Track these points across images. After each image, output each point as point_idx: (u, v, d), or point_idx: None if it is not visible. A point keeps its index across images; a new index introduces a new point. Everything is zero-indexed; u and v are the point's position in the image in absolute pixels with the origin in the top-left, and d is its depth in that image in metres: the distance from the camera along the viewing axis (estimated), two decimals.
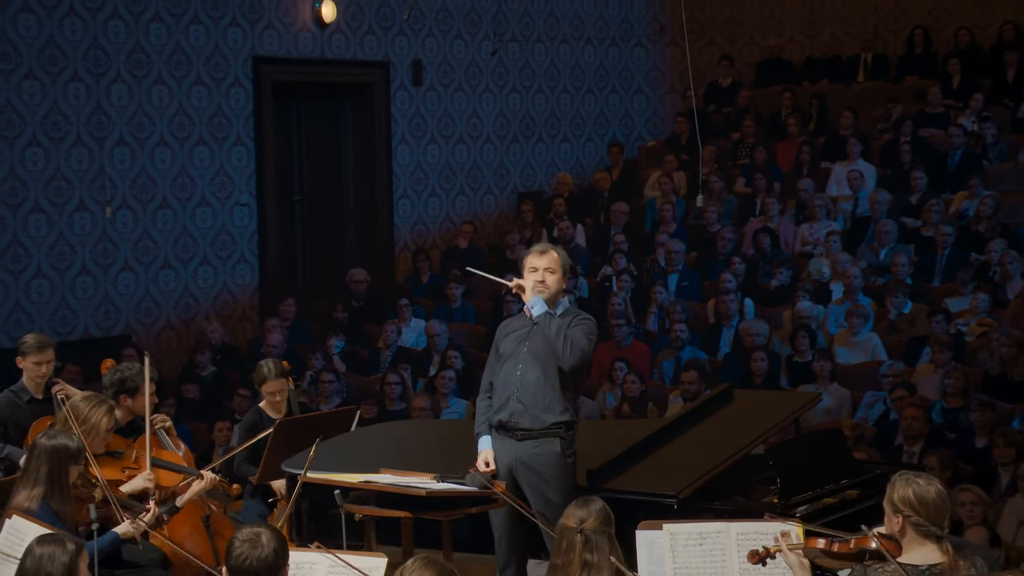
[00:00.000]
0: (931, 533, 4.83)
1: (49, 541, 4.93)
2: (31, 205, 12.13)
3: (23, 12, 11.95)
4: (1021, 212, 13.42)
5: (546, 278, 6.51)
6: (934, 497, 4.85)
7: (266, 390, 8.13)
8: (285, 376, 8.30)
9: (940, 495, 4.89)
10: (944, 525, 4.90)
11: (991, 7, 15.92)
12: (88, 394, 7.13)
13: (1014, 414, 10.44)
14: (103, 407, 6.85)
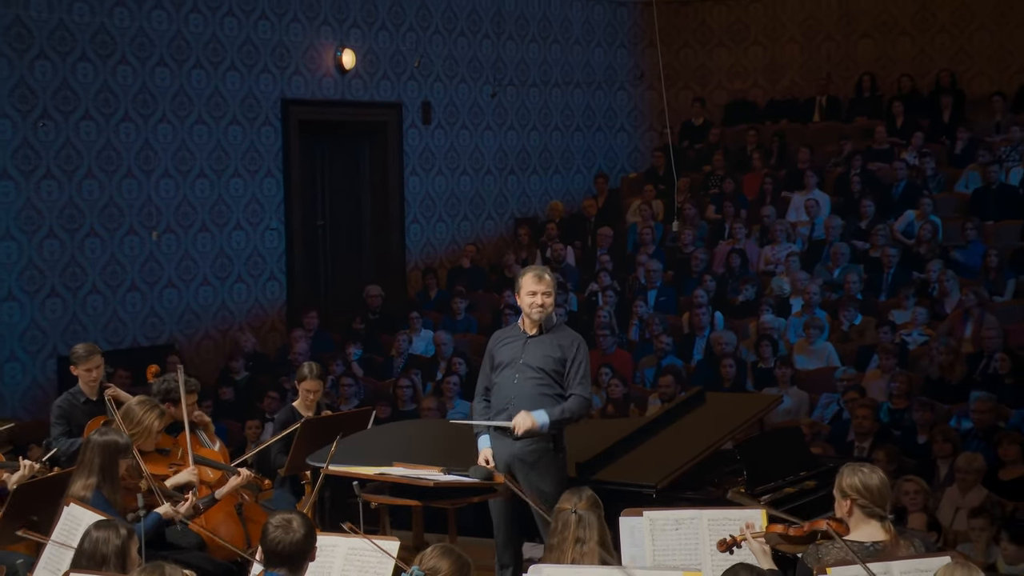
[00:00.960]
0: (875, 513, 4.91)
1: (104, 526, 4.93)
2: (87, 230, 12.14)
3: (81, 61, 11.96)
4: (956, 236, 13.43)
5: (544, 301, 6.53)
6: (877, 483, 4.95)
7: (304, 387, 8.17)
8: (323, 379, 8.47)
9: (883, 481, 4.99)
10: (886, 507, 4.96)
11: (929, 57, 15.97)
12: (142, 398, 7.15)
13: (951, 414, 10.47)
14: (155, 411, 6.87)
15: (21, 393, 11.66)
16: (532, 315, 6.54)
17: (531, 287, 6.54)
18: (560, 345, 6.55)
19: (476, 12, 15.33)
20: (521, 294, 6.58)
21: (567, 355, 6.55)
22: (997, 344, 11.33)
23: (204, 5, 12.85)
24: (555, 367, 6.52)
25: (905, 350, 11.73)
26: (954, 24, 15.94)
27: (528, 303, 6.53)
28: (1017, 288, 12.61)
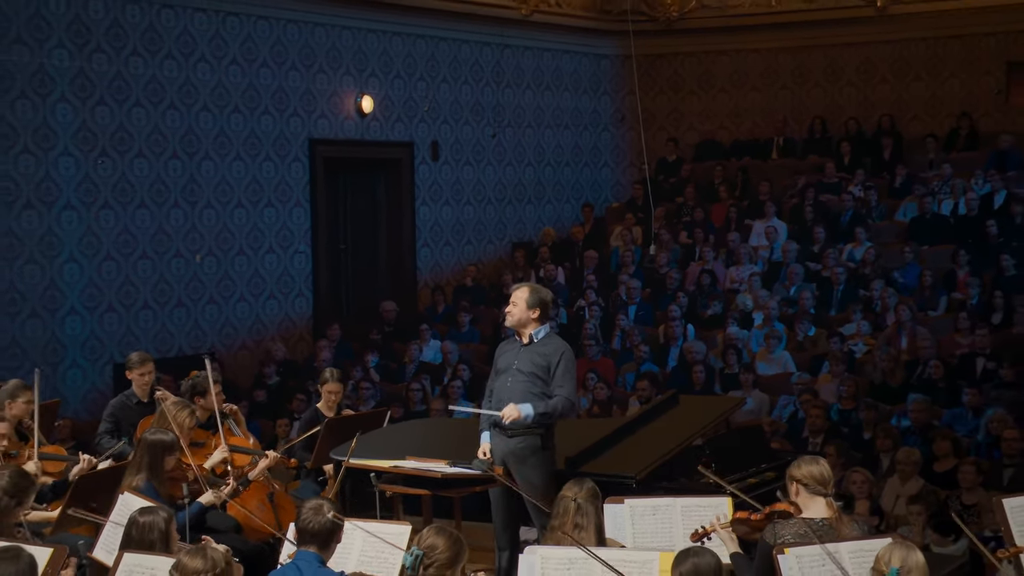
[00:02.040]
0: (820, 492, 5.00)
1: (148, 512, 4.94)
2: (139, 253, 12.14)
3: (136, 107, 11.99)
4: (896, 259, 13.45)
5: (510, 310, 6.56)
6: (821, 469, 5.06)
7: (326, 390, 8.18)
8: (343, 382, 8.49)
9: (825, 468, 5.12)
10: (828, 488, 5.01)
11: (872, 104, 16.02)
12: (176, 400, 7.16)
13: (892, 413, 10.51)
14: (186, 410, 6.87)
15: (82, 396, 11.65)
16: (505, 323, 6.57)
17: (518, 305, 6.56)
18: (546, 353, 6.53)
19: (478, 63, 15.36)
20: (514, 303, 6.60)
21: (551, 361, 6.52)
22: (931, 353, 11.36)
23: (242, 57, 12.88)
24: (541, 372, 6.49)
25: (852, 358, 11.77)
26: (893, 75, 16.02)
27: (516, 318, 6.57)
28: (948, 304, 12.65)
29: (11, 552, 4.08)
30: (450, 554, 4.41)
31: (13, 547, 4.19)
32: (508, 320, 6.61)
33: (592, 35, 16.45)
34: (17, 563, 3.98)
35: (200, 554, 4.04)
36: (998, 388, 10.85)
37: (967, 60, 15.58)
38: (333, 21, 13.69)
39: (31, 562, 4.04)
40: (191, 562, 3.97)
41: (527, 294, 6.57)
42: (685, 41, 16.75)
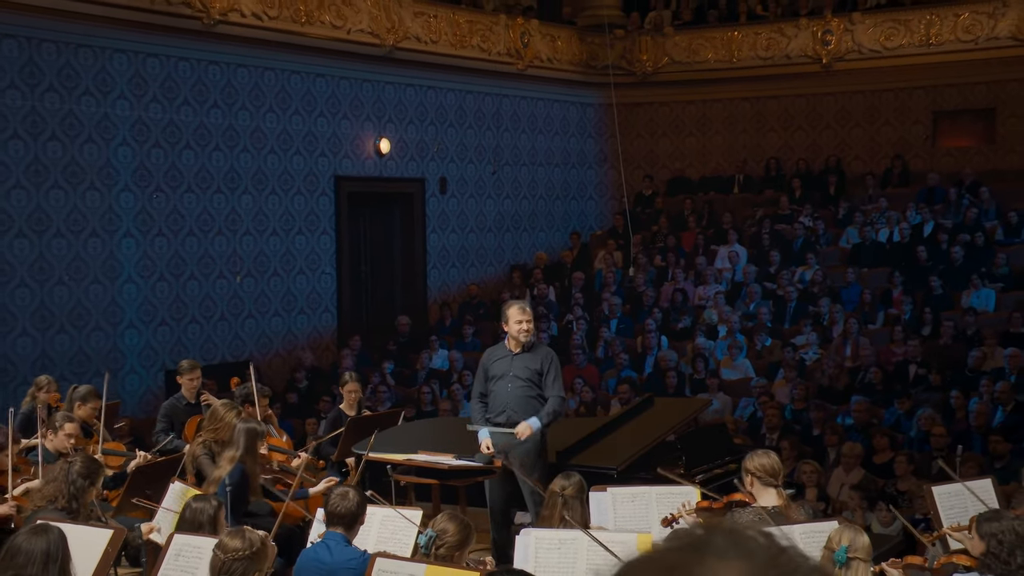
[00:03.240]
0: (771, 483, 4.97)
1: (201, 500, 4.95)
2: (188, 275, 12.15)
3: (186, 149, 12.01)
4: (840, 280, 13.49)
5: (529, 327, 6.56)
6: (771, 461, 5.05)
7: (347, 389, 8.21)
8: (360, 382, 8.55)
9: (775, 460, 5.11)
10: (779, 479, 5.01)
11: (819, 146, 16.09)
12: (225, 402, 7.17)
13: (837, 413, 10.54)
14: (233, 411, 6.87)
15: (138, 398, 11.65)
16: (520, 337, 6.53)
17: (518, 316, 6.55)
18: (537, 359, 6.55)
19: (481, 110, 15.41)
20: (509, 323, 6.56)
21: (543, 367, 6.55)
22: (871, 360, 11.38)
23: (276, 106, 12.92)
24: (535, 377, 6.52)
25: (803, 365, 11.79)
26: (837, 122, 16.08)
27: (516, 329, 6.53)
28: (885, 319, 12.70)
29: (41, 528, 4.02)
30: (459, 537, 4.41)
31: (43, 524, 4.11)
32: (525, 336, 6.54)
33: (579, 87, 16.50)
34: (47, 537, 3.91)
35: (239, 535, 4.04)
36: (927, 391, 10.88)
37: (900, 110, 15.67)
38: (356, 75, 13.74)
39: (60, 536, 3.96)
40: (231, 541, 3.96)
41: (531, 314, 6.61)
42: (658, 92, 16.82)
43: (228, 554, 3.89)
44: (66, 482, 5.00)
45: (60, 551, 3.88)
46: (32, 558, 3.80)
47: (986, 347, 11.34)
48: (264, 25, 12.46)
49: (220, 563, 3.90)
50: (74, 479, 5.00)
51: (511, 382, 6.51)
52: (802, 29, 15.77)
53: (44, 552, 3.83)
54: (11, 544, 3.98)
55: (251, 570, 3.88)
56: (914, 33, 15.11)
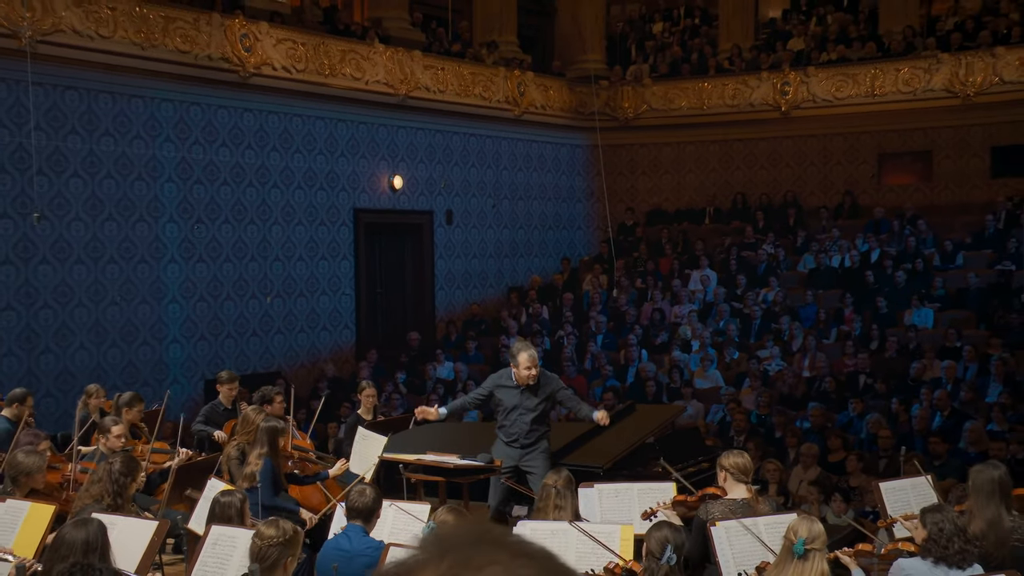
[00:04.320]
0: (742, 480, 4.94)
1: (228, 494, 4.91)
2: (225, 295, 12.16)
3: (223, 186, 12.04)
4: (799, 300, 13.52)
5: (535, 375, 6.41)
6: (744, 461, 5.03)
7: (365, 395, 8.23)
8: (376, 388, 8.62)
9: (747, 460, 5.08)
10: (749, 476, 4.99)
11: (779, 183, 16.15)
12: (254, 407, 7.16)
13: (796, 417, 10.52)
14: (260, 415, 6.86)
15: (181, 404, 11.58)
16: (528, 382, 6.41)
17: (527, 364, 6.37)
18: (546, 390, 6.46)
19: (482, 151, 15.45)
20: (519, 367, 6.39)
21: (556, 395, 6.53)
22: (826, 371, 11.39)
23: (303, 148, 12.96)
24: (543, 407, 6.47)
25: (767, 375, 11.79)
26: (794, 162, 16.13)
27: (525, 375, 6.38)
28: (838, 335, 12.70)
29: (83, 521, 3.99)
30: None
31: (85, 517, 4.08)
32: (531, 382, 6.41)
33: (568, 130, 16.56)
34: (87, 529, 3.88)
35: (274, 525, 4.04)
36: (875, 398, 10.88)
37: (849, 152, 15.74)
38: (373, 120, 13.78)
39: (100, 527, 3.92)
40: (267, 530, 3.96)
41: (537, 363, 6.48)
42: (638, 135, 16.88)
43: (264, 541, 3.90)
44: (109, 480, 4.97)
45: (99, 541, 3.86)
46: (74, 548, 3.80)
47: (925, 360, 11.36)
48: (293, 77, 12.53)
49: (258, 549, 3.89)
50: (116, 477, 4.99)
51: (521, 416, 6.45)
52: (764, 81, 15.86)
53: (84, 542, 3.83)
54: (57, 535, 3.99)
55: (284, 555, 3.88)
56: (861, 85, 15.20)
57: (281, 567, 3.85)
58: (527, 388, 6.46)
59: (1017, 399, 10.49)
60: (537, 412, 6.46)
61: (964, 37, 14.90)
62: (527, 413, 6.46)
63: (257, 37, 12.08)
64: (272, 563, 3.84)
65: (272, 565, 3.84)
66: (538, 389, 6.49)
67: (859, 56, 15.47)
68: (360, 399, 8.31)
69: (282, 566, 3.85)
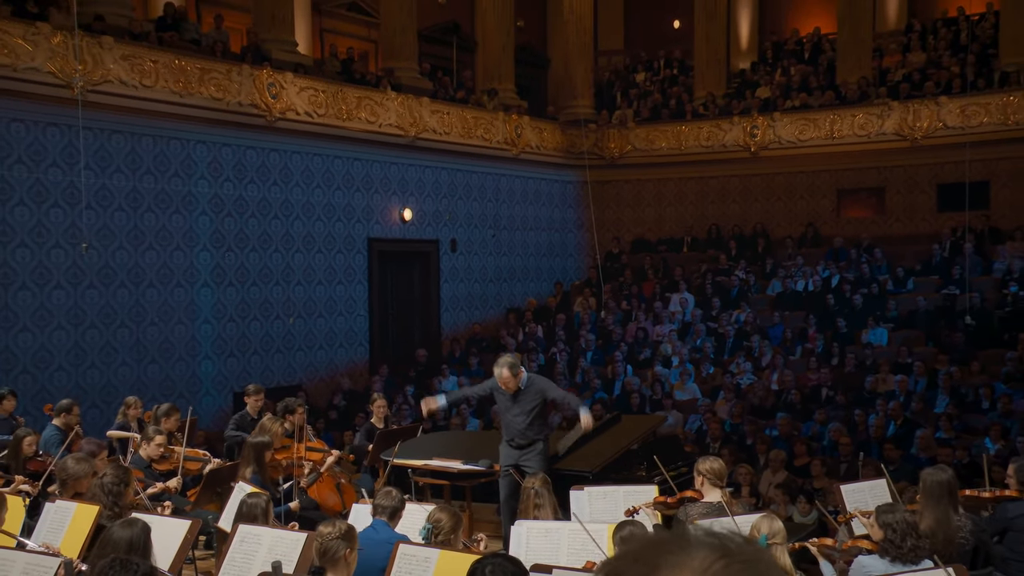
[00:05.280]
0: (717, 484, 4.91)
1: (255, 496, 4.89)
2: (252, 316, 12.16)
3: (251, 217, 12.08)
4: (768, 320, 13.53)
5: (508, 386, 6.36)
6: (719, 466, 4.99)
7: (376, 405, 8.21)
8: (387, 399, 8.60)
9: (722, 465, 5.07)
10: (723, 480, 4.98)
11: (749, 215, 16.17)
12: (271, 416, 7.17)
13: (766, 426, 10.49)
14: (278, 423, 6.87)
15: (212, 415, 11.60)
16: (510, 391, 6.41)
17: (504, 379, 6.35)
18: (533, 396, 6.42)
19: (483, 187, 15.49)
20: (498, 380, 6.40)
21: (546, 395, 6.46)
22: (792, 384, 11.38)
23: (322, 183, 13.00)
24: (534, 410, 6.42)
25: (739, 388, 11.78)
26: (763, 197, 16.17)
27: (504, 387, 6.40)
28: (802, 352, 12.69)
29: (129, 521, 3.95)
30: (451, 523, 4.39)
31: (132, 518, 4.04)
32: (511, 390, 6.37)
33: (561, 168, 16.62)
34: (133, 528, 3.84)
35: (330, 524, 3.97)
36: (835, 409, 10.87)
37: (811, 188, 15.80)
38: (385, 159, 13.83)
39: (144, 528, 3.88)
40: (325, 528, 3.90)
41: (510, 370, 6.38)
42: (623, 172, 16.94)
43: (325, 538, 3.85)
44: (103, 493, 4.87)
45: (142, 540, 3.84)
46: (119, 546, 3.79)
47: (880, 374, 11.36)
48: (314, 121, 12.60)
49: (321, 546, 3.84)
50: (110, 488, 4.89)
51: (515, 417, 6.44)
52: (735, 125, 15.95)
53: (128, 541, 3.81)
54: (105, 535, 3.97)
55: (343, 547, 3.84)
56: (821, 129, 15.30)
57: (343, 559, 3.82)
58: (514, 395, 6.44)
59: (962, 409, 10.50)
60: (527, 416, 6.42)
61: (912, 87, 15.02)
62: (518, 416, 6.44)
63: (282, 86, 12.16)
64: (334, 555, 3.81)
65: (334, 557, 3.81)
66: (523, 395, 6.45)
67: (819, 103, 15.59)
68: (373, 409, 8.29)
69: (343, 557, 3.82)
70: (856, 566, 4.34)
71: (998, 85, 14.32)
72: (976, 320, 12.29)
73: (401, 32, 14.52)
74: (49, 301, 10.20)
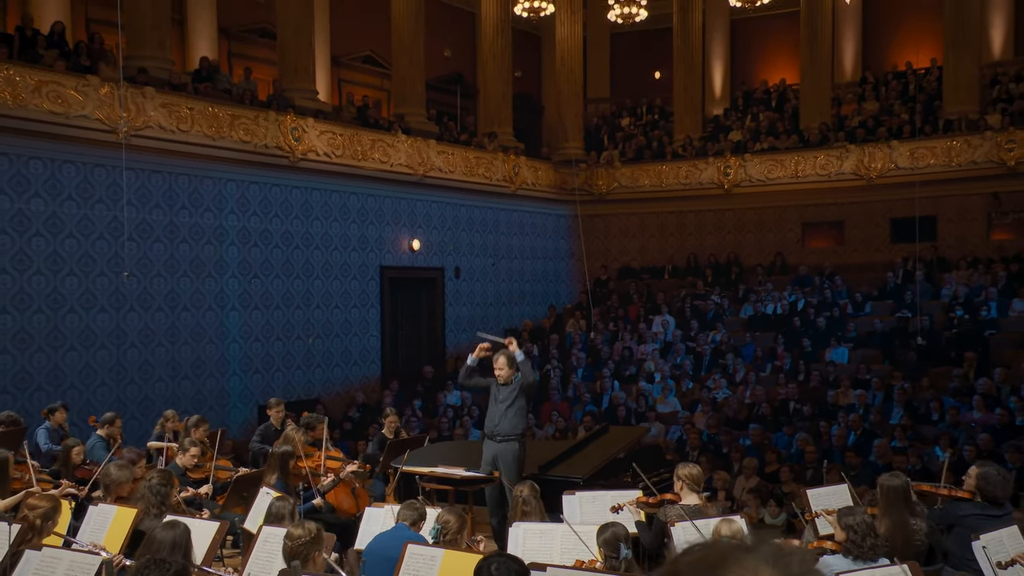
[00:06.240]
0: (694, 488, 4.90)
1: (282, 499, 4.90)
2: (275, 336, 12.17)
3: (275, 248, 12.10)
4: (741, 340, 13.55)
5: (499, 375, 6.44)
6: (696, 472, 4.97)
7: (387, 419, 8.16)
8: (397, 414, 8.54)
9: (699, 471, 5.04)
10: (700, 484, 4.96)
11: (724, 245, 16.21)
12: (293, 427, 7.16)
13: (740, 436, 10.47)
14: (299, 433, 6.86)
15: (238, 426, 11.58)
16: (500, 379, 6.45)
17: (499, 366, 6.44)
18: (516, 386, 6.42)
19: (484, 220, 15.54)
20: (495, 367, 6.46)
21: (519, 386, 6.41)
22: (763, 398, 11.38)
23: (339, 217, 13.04)
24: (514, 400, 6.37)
25: (715, 402, 11.78)
26: (736, 229, 16.23)
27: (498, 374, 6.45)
28: (772, 369, 12.71)
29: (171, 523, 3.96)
30: (458, 524, 4.40)
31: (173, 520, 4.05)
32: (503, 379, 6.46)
33: (554, 203, 16.69)
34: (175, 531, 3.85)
35: (301, 526, 3.98)
36: (802, 420, 10.87)
37: (778, 221, 15.88)
38: (396, 195, 13.88)
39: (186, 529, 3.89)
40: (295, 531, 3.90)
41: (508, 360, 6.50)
42: (610, 207, 17.00)
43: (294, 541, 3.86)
44: (151, 493, 4.90)
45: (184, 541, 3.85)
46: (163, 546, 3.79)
47: (842, 389, 11.38)
48: (332, 161, 12.68)
49: (290, 548, 3.83)
50: (157, 489, 4.93)
51: (499, 404, 6.43)
52: (710, 165, 16.06)
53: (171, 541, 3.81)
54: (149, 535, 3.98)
55: (312, 551, 3.84)
56: (787, 169, 15.43)
57: (311, 561, 3.82)
58: (503, 387, 6.41)
59: (915, 420, 10.51)
60: (507, 404, 6.34)
61: (867, 132, 15.18)
62: (501, 403, 6.38)
63: (304, 130, 12.27)
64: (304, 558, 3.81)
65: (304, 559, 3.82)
66: (509, 388, 6.43)
67: (785, 146, 15.72)
68: (384, 421, 8.29)
69: (312, 559, 3.82)
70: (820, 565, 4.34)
71: (942, 131, 14.49)
72: (926, 340, 12.33)
73: (410, 82, 14.67)
74: (94, 324, 10.22)
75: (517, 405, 6.38)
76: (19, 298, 9.66)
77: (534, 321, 16.07)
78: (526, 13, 14.88)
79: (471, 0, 17.05)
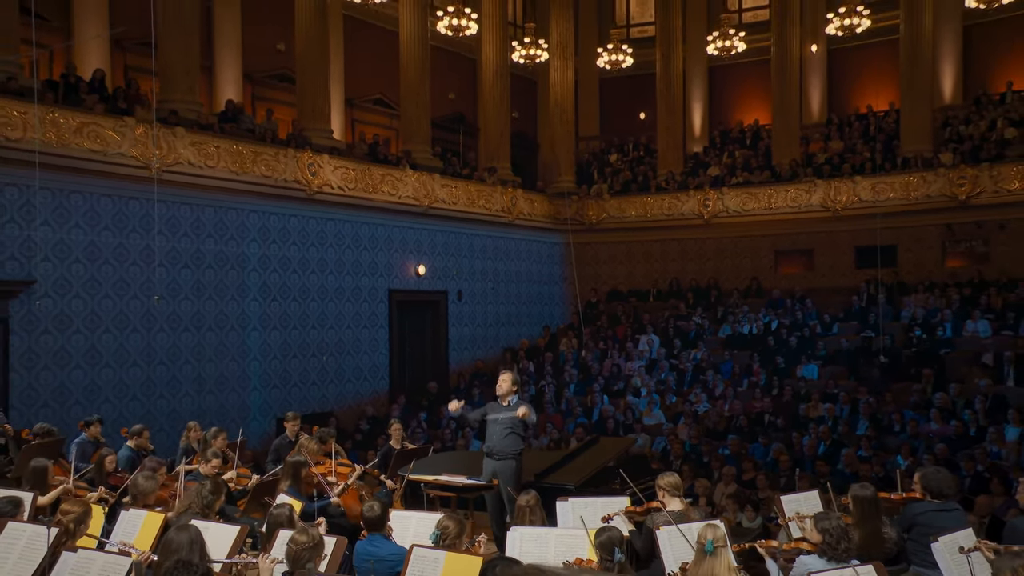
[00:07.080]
0: (676, 495, 4.88)
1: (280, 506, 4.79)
2: (292, 354, 12.15)
3: (293, 273, 12.12)
4: (720, 358, 13.55)
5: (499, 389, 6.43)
6: (676, 480, 4.94)
7: (394, 429, 8.11)
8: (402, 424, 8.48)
9: (677, 478, 4.99)
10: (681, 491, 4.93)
11: (704, 271, 16.27)
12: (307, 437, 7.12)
13: (720, 446, 10.45)
14: (314, 443, 6.82)
15: (258, 436, 11.52)
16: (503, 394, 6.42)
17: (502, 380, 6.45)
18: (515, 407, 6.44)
19: (484, 246, 15.56)
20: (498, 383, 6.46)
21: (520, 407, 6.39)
22: (740, 411, 11.37)
23: (352, 244, 13.08)
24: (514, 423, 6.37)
25: (697, 414, 11.76)
26: (715, 256, 16.24)
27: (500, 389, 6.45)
28: (749, 384, 12.70)
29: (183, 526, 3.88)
30: (457, 529, 4.37)
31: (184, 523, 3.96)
32: (500, 392, 6.46)
33: (549, 232, 16.72)
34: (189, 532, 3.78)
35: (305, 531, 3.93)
36: (776, 432, 10.86)
37: (753, 249, 15.94)
38: (404, 224, 13.91)
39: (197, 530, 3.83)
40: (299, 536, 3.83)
41: (510, 378, 6.53)
42: (600, 235, 17.04)
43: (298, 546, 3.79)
44: (199, 497, 4.91)
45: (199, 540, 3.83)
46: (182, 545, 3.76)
47: (812, 403, 11.38)
48: (345, 194, 12.75)
49: (293, 553, 3.77)
50: (206, 495, 4.94)
51: (499, 426, 6.39)
52: (691, 197, 16.16)
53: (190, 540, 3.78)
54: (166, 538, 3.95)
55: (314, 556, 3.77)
56: (761, 201, 15.54)
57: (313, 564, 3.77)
58: (506, 408, 6.38)
59: (879, 432, 10.51)
60: (506, 426, 6.31)
61: (832, 168, 15.33)
62: (501, 424, 6.35)
63: (320, 165, 12.35)
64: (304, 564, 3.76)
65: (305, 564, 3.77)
66: (509, 410, 6.40)
67: (759, 180, 15.85)
68: (391, 433, 8.26)
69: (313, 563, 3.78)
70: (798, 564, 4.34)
71: (900, 168, 14.65)
72: (888, 358, 12.36)
73: (417, 121, 14.79)
74: (127, 343, 10.22)
75: (516, 433, 6.38)
76: (60, 319, 9.68)
77: (530, 340, 16.05)
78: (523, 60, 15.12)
79: (473, 48, 17.24)
